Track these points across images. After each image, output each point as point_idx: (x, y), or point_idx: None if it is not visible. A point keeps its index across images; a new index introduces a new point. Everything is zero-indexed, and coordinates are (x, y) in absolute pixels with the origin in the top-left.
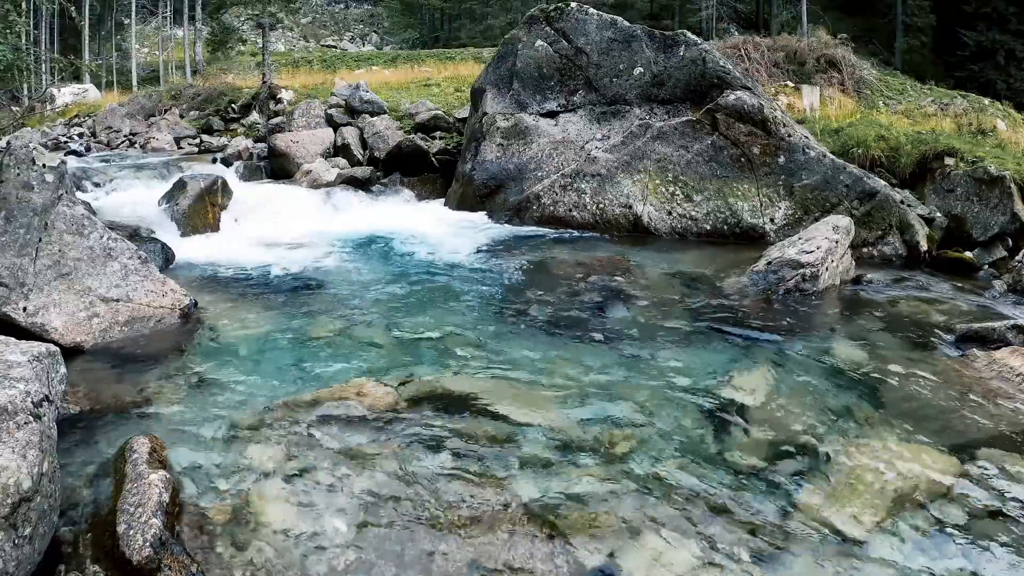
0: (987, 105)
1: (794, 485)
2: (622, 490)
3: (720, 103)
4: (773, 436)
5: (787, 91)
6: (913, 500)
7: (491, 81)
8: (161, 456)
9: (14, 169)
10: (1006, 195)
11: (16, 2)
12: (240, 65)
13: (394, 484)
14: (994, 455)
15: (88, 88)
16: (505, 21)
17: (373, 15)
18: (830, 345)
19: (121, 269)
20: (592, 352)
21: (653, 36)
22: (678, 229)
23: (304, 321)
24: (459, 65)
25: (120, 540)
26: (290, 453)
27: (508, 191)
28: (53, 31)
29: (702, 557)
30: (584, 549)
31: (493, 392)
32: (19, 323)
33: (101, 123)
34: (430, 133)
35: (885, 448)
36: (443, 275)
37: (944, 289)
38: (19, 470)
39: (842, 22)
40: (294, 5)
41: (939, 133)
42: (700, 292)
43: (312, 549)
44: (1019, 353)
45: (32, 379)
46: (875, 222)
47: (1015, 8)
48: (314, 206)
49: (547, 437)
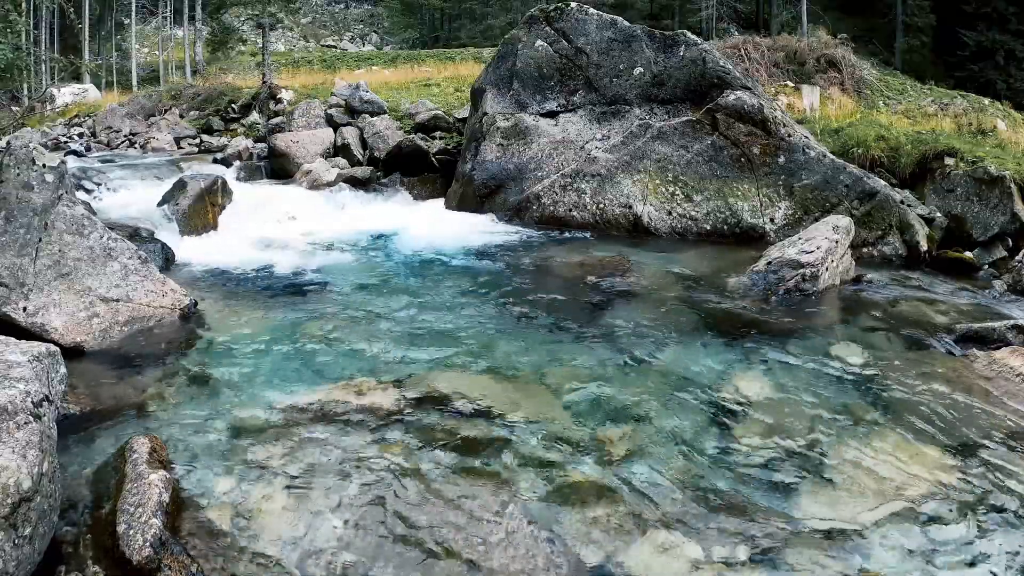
0: (987, 105)
1: (794, 485)
2: (622, 490)
3: (720, 103)
4: (773, 436)
5: (787, 91)
6: (913, 500)
7: (491, 81)
8: (161, 456)
9: (14, 169)
10: (1006, 195)
11: (16, 2)
12: (240, 65)
13: (394, 484)
14: (994, 455)
15: (88, 88)
16: (505, 21)
17: (373, 15)
18: (830, 345)
19: (121, 269)
20: (592, 352)
21: (653, 36)
22: (678, 229)
23: (304, 321)
24: (459, 65)
25: (120, 540)
26: (290, 453)
27: (508, 191)
28: (53, 31)
29: (702, 557)
30: (584, 549)
31: (493, 392)
32: (19, 323)
33: (101, 123)
34: (430, 133)
35: (885, 448)
36: (443, 275)
37: (944, 289)
38: (19, 470)
39: (842, 22)
40: (294, 5)
41: (939, 133)
42: (700, 292)
43: (311, 549)
44: (1019, 353)
45: (32, 379)
46: (875, 222)
47: (1015, 8)
48: (314, 206)
49: (547, 437)
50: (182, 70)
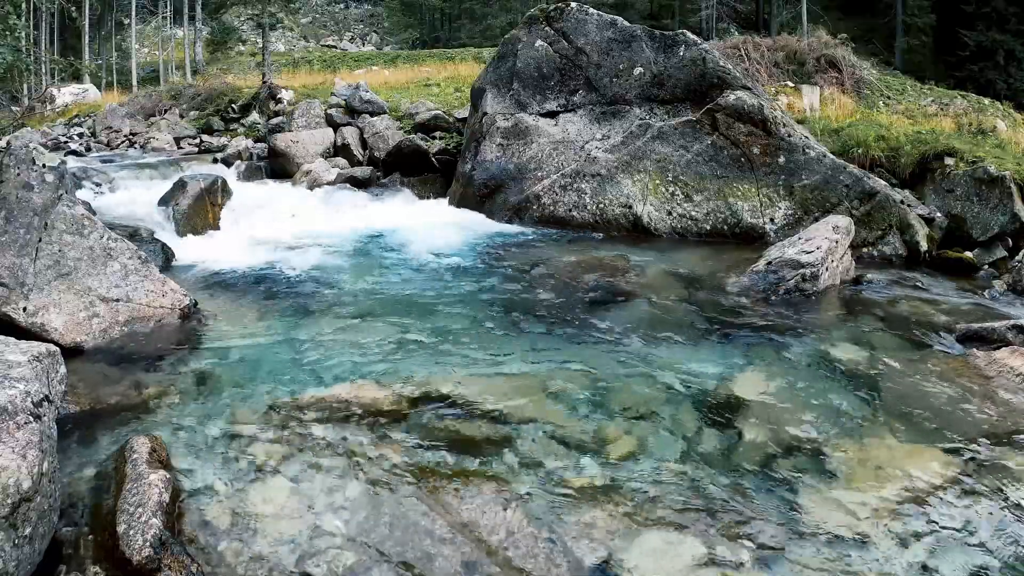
0: (987, 105)
1: (794, 485)
2: (622, 490)
3: (720, 103)
4: (773, 436)
5: (787, 91)
6: (913, 500)
7: (491, 81)
8: (161, 456)
9: (14, 169)
10: (1006, 195)
11: (16, 3)
12: (240, 65)
13: (394, 484)
14: (994, 455)
15: (88, 88)
16: (505, 21)
17: (373, 15)
18: (830, 345)
19: (121, 269)
20: (592, 352)
21: (653, 36)
22: (678, 229)
23: (304, 321)
24: (459, 65)
25: (120, 540)
26: (290, 453)
27: (508, 191)
28: (53, 31)
29: (702, 557)
30: (584, 549)
31: (493, 392)
32: (19, 323)
33: (101, 123)
34: (430, 133)
35: (885, 448)
36: (443, 275)
37: (944, 289)
38: (19, 470)
39: (842, 22)
40: (294, 5)
41: (939, 133)
42: (700, 292)
43: (312, 549)
44: (1019, 353)
45: (32, 379)
46: (875, 222)
47: (1015, 8)
48: (314, 206)
49: (547, 437)
50: (182, 70)
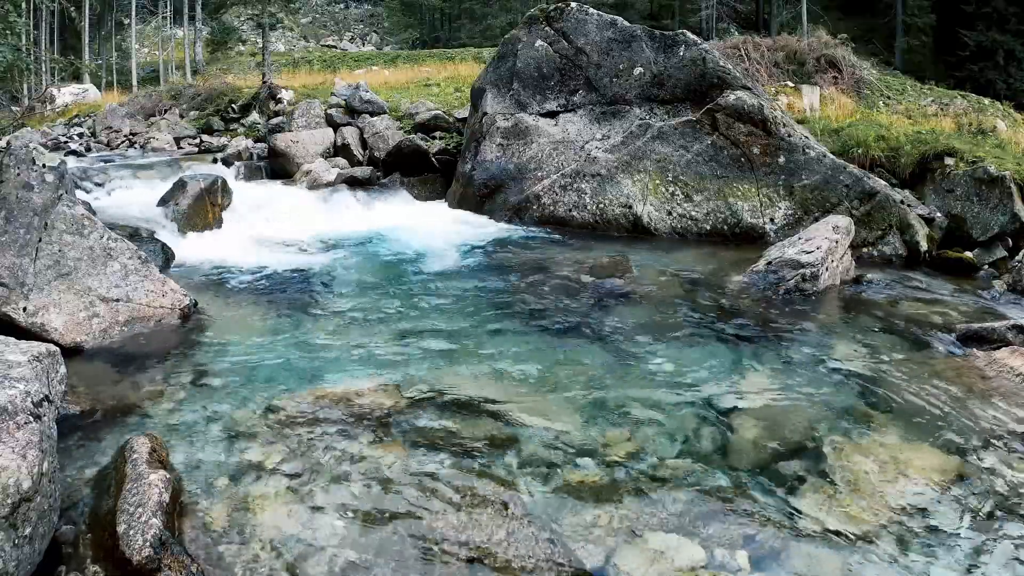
0: (987, 105)
1: (794, 485)
2: (622, 490)
3: (720, 103)
4: (773, 436)
5: (787, 91)
6: (913, 500)
7: (491, 81)
8: (161, 456)
9: (14, 169)
10: (1006, 195)
11: (16, 2)
12: (240, 65)
13: (394, 484)
14: (994, 455)
15: (88, 88)
16: (505, 21)
17: (373, 15)
18: (830, 345)
19: (121, 269)
20: (592, 352)
21: (653, 36)
22: (678, 229)
23: (304, 321)
24: (459, 65)
25: (120, 540)
26: (290, 453)
27: (508, 191)
28: (53, 31)
29: (702, 557)
30: (584, 549)
31: (493, 392)
32: (19, 323)
33: (101, 123)
34: (430, 133)
35: (885, 448)
36: (443, 275)
37: (944, 289)
38: (19, 470)
39: (842, 22)
40: (294, 5)
41: (939, 133)
42: (700, 292)
43: (312, 549)
44: (1019, 353)
45: (32, 379)
46: (875, 222)
47: (1015, 8)
48: (314, 206)
49: (547, 437)
50: (182, 70)
